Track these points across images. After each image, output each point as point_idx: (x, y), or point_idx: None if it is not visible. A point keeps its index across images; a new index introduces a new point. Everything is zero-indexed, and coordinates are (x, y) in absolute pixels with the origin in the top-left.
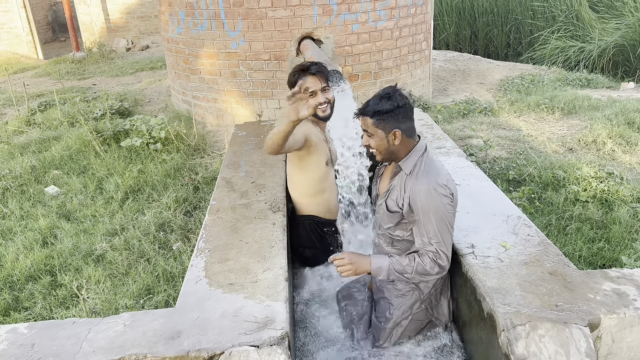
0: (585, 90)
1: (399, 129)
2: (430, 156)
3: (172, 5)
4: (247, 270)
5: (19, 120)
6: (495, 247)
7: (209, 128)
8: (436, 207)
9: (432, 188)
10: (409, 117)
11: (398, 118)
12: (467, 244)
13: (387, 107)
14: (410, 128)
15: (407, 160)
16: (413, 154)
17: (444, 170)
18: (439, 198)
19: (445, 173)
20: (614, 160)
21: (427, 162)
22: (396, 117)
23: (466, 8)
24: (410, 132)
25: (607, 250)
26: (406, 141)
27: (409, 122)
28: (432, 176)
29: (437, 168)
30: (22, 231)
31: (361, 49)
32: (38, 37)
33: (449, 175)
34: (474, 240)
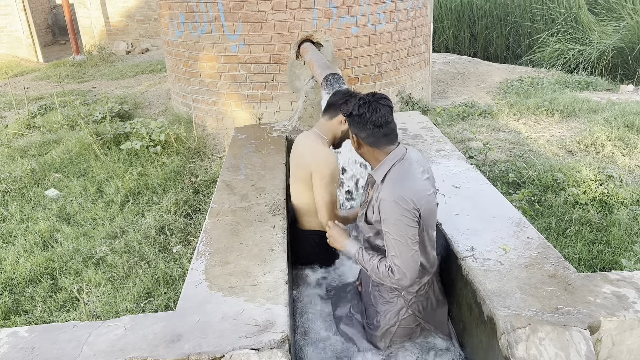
0: (585, 92)
1: (357, 135)
2: (406, 165)
3: (172, 9)
4: (248, 273)
5: (19, 124)
6: (495, 250)
7: (209, 131)
8: (394, 219)
9: (393, 200)
10: (364, 128)
11: (354, 126)
12: (467, 247)
13: (346, 111)
14: (371, 138)
15: (378, 170)
16: (385, 162)
17: (416, 183)
18: (399, 211)
19: (414, 186)
20: (613, 162)
21: (400, 171)
22: (354, 124)
23: (465, 11)
24: (375, 142)
25: (607, 253)
26: (371, 150)
27: (367, 132)
28: (397, 187)
29: (407, 178)
30: (23, 234)
31: (361, 52)
32: (38, 40)
33: (420, 188)
34: (474, 243)
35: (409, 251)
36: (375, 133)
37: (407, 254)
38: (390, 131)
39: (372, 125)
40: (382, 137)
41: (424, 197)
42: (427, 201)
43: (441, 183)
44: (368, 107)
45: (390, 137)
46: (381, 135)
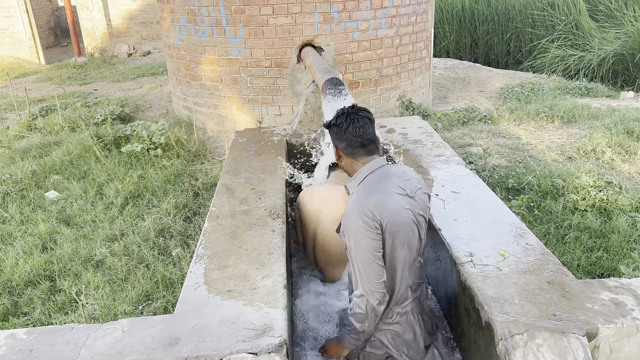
0: (585, 99)
1: (337, 147)
2: (378, 176)
3: (174, 12)
4: (246, 277)
5: (20, 125)
6: (493, 256)
7: (210, 134)
8: (354, 231)
9: (354, 212)
10: (342, 138)
11: (333, 136)
12: (466, 253)
13: (327, 123)
14: (349, 149)
15: (353, 180)
16: (359, 173)
17: (383, 196)
18: (357, 222)
19: (380, 198)
20: (613, 169)
21: (369, 183)
22: (333, 135)
23: (467, 16)
24: (352, 153)
25: (605, 260)
26: (349, 161)
27: (345, 143)
28: (361, 199)
29: (375, 191)
30: (22, 236)
31: (362, 57)
32: (40, 42)
33: (387, 201)
34: (473, 249)
35: (371, 264)
36: (353, 143)
37: (369, 267)
38: (368, 142)
39: (350, 136)
40: (359, 147)
41: (389, 210)
42: (393, 215)
43: (440, 188)
44: (346, 118)
45: (368, 149)
46: (359, 146)
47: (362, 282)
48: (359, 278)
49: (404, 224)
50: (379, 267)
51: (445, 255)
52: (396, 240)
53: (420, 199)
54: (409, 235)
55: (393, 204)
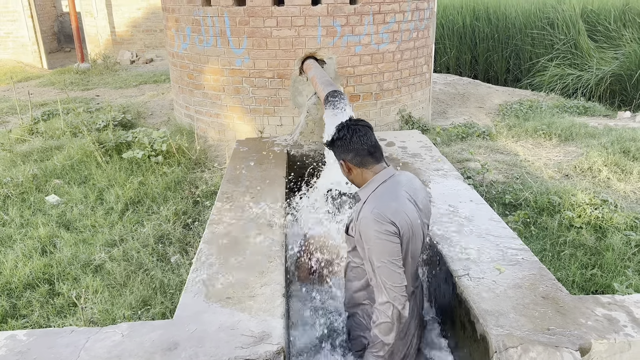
0: (583, 117)
1: (344, 159)
2: (391, 185)
3: (178, 21)
4: (245, 284)
5: (22, 129)
6: (490, 270)
7: (210, 142)
8: (375, 237)
9: (372, 218)
10: (348, 149)
11: (338, 149)
12: (462, 266)
13: (330, 140)
14: (358, 158)
15: (365, 188)
16: (372, 182)
17: (399, 203)
18: (378, 228)
19: (396, 206)
20: (609, 187)
21: (384, 191)
22: (337, 149)
23: (467, 33)
24: (362, 162)
25: (600, 277)
26: (359, 171)
27: (352, 153)
28: (378, 205)
29: (390, 198)
30: (22, 239)
31: (363, 70)
32: (43, 46)
33: (402, 209)
34: (469, 263)
35: (394, 269)
36: (361, 152)
37: (393, 272)
38: (374, 149)
39: (356, 145)
40: (368, 155)
41: (404, 218)
42: (408, 223)
43: (438, 202)
44: (348, 130)
45: (375, 156)
46: (367, 154)
47: (387, 289)
48: (382, 285)
49: (416, 231)
50: (401, 271)
51: (442, 268)
52: (409, 246)
53: (425, 207)
54: (418, 242)
55: (407, 212)
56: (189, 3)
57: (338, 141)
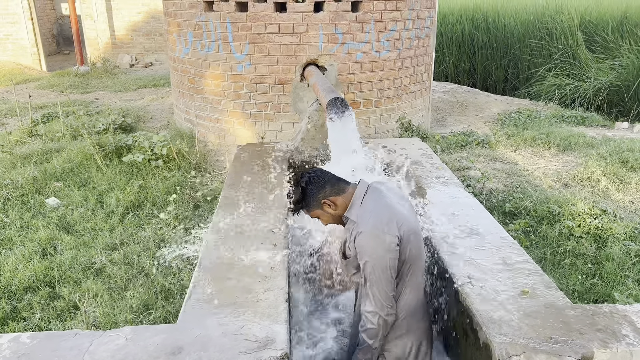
0: (581, 127)
1: (325, 198)
2: (373, 195)
3: (180, 26)
4: (248, 290)
5: (22, 131)
6: (491, 278)
7: (210, 147)
8: (370, 252)
9: (369, 232)
10: (321, 185)
11: (315, 192)
12: (465, 274)
13: (298, 195)
14: (334, 189)
15: (351, 209)
16: (354, 200)
17: (390, 208)
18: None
19: (392, 212)
20: (607, 197)
21: (370, 203)
22: (311, 193)
23: (466, 42)
24: (337, 190)
25: (600, 286)
26: (341, 199)
27: (327, 185)
28: (372, 219)
29: (380, 207)
30: (22, 241)
31: (364, 78)
32: (43, 49)
33: (400, 212)
34: (471, 271)
35: (387, 283)
36: (332, 180)
37: (385, 285)
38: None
39: (325, 178)
40: (339, 180)
41: (401, 219)
42: (407, 223)
43: (440, 210)
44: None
45: (344, 180)
46: (337, 179)
47: (376, 299)
48: (372, 295)
49: (416, 229)
50: (392, 283)
51: (444, 275)
52: (414, 244)
53: (411, 207)
54: (420, 240)
55: (402, 213)
56: (192, 8)
57: (311, 185)
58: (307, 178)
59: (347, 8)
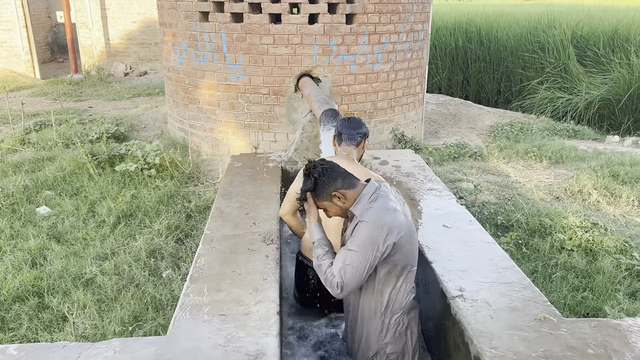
0: (572, 140)
1: (336, 190)
2: (382, 195)
3: (175, 36)
4: (240, 301)
5: (14, 139)
6: (483, 291)
7: (204, 157)
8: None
9: (373, 222)
10: (334, 177)
11: (327, 184)
12: (456, 287)
13: (309, 185)
14: (345, 182)
15: (357, 205)
16: (362, 196)
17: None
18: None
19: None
20: (598, 211)
21: (377, 201)
22: (323, 184)
23: (459, 54)
24: (348, 184)
25: (591, 300)
26: (351, 193)
27: (339, 179)
28: (376, 214)
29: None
30: (12, 250)
31: (357, 89)
32: (37, 56)
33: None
34: (463, 284)
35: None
36: (343, 174)
37: (359, 269)
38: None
39: (338, 171)
40: (349, 175)
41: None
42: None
43: (432, 222)
44: (320, 165)
45: (352, 174)
46: (347, 175)
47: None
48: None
49: (412, 237)
50: (362, 277)
51: (435, 288)
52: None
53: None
54: (415, 248)
55: (403, 219)
56: (187, 18)
57: (322, 177)
58: (320, 169)
59: (341, 20)
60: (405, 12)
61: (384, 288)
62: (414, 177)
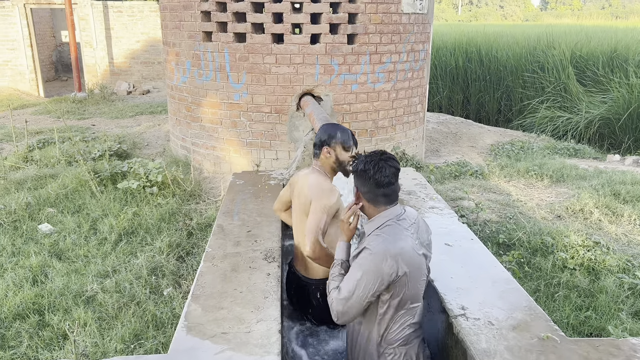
0: (573, 159)
1: (358, 189)
2: (396, 224)
3: (179, 55)
4: (241, 320)
5: (17, 156)
6: (485, 310)
7: (206, 175)
8: (366, 268)
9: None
10: (365, 184)
11: (357, 180)
12: (459, 306)
13: (354, 168)
14: (370, 194)
15: (371, 223)
16: (378, 218)
17: (403, 243)
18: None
19: (403, 246)
20: (600, 229)
21: (388, 230)
22: (357, 179)
23: (460, 74)
24: (373, 199)
25: (594, 319)
26: (368, 205)
27: (366, 189)
28: (384, 245)
29: (395, 237)
30: (13, 268)
31: (359, 108)
32: (41, 75)
33: (409, 249)
34: (465, 302)
35: (359, 300)
36: (375, 191)
37: (358, 300)
38: (390, 192)
39: (374, 183)
40: (381, 196)
41: (409, 258)
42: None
43: (434, 240)
44: (373, 165)
45: (389, 198)
46: (380, 195)
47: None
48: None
49: (417, 271)
50: (361, 307)
51: (437, 306)
52: (408, 285)
53: (429, 244)
54: (417, 282)
55: (412, 253)
56: (190, 38)
57: (361, 172)
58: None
59: (343, 40)
60: (405, 32)
61: (382, 317)
62: (415, 195)
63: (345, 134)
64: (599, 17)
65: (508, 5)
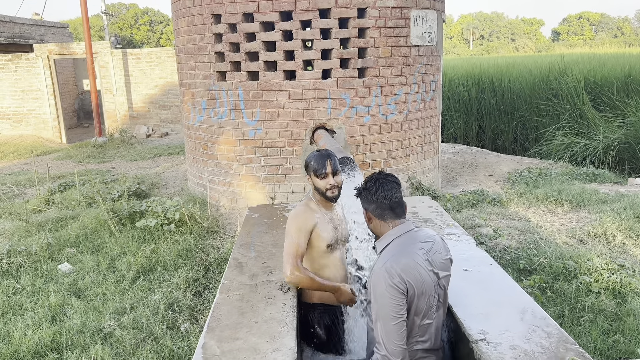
0: (593, 184)
1: (366, 209)
2: (406, 240)
3: (194, 95)
4: (256, 350)
5: (39, 200)
6: (507, 335)
7: (222, 211)
8: (380, 292)
9: (383, 274)
10: (371, 201)
11: (363, 200)
12: (479, 330)
13: (357, 189)
14: (379, 211)
15: (381, 241)
16: (387, 235)
17: (411, 259)
18: (385, 283)
19: (407, 262)
20: (624, 253)
21: (397, 246)
22: (362, 198)
23: (473, 105)
24: (382, 215)
25: (622, 343)
26: (378, 222)
27: (374, 205)
28: (389, 259)
29: (402, 253)
30: (32, 307)
31: (372, 140)
32: (64, 123)
33: (413, 265)
34: (486, 327)
35: (394, 325)
36: (382, 205)
37: (392, 327)
38: (396, 205)
39: (379, 198)
40: (388, 209)
41: (414, 274)
42: (417, 280)
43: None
44: (375, 182)
45: (396, 212)
46: (387, 208)
47: (386, 343)
48: (382, 337)
49: (426, 288)
50: (401, 328)
51: (457, 332)
52: (415, 302)
53: (444, 263)
54: (426, 299)
55: (418, 269)
56: (205, 78)
57: (364, 191)
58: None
59: (353, 74)
60: (415, 64)
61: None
62: (431, 222)
63: (318, 162)
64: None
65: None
